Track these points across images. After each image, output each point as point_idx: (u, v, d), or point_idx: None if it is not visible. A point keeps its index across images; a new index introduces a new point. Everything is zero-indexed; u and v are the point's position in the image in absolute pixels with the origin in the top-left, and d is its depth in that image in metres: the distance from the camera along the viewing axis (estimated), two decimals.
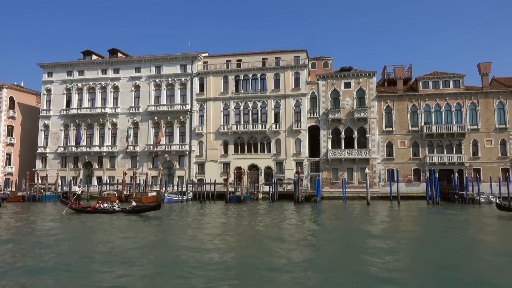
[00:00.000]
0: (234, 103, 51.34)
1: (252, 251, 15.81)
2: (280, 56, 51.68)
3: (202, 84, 52.64)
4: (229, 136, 50.63)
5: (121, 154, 53.13)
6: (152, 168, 51.87)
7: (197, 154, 51.41)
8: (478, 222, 25.99)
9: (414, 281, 11.68)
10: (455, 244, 17.44)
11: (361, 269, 12.88)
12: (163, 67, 53.68)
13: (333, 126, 48.52)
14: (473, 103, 46.59)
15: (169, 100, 53.35)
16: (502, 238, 19.90)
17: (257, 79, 51.28)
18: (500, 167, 45.03)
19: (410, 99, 47.87)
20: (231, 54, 54.02)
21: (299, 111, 49.78)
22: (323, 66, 54.66)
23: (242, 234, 20.65)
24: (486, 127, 46.02)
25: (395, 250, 15.99)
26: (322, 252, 16.10)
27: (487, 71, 47.13)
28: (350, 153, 47.14)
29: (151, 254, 15.25)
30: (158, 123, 52.62)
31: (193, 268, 12.81)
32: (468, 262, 14.15)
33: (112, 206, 29.75)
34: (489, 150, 45.62)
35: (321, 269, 13.12)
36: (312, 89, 49.86)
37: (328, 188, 47.17)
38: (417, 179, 46.37)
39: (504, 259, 14.52)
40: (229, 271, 12.61)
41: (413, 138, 47.15)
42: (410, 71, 52.20)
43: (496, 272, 12.49)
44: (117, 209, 29.40)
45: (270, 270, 12.59)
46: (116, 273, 12.26)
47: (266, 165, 49.38)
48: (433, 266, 13.33)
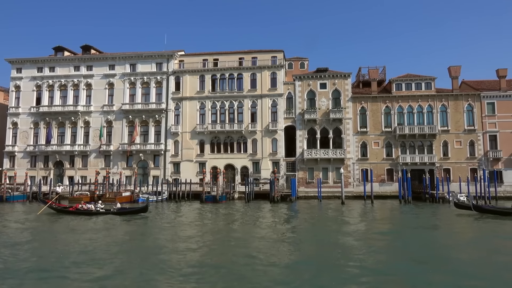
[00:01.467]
0: (211, 102, 51.05)
1: (226, 251, 15.72)
2: (257, 56, 51.75)
3: (178, 83, 52.09)
4: (205, 135, 50.30)
5: (94, 153, 51.91)
6: (126, 167, 50.93)
7: (172, 154, 50.82)
8: (441, 219, 26.99)
9: (388, 274, 11.91)
10: (422, 240, 18.09)
11: (337, 267, 13.00)
12: (138, 65, 52.78)
13: (309, 126, 48.97)
14: (444, 105, 48.01)
15: (144, 98, 52.51)
16: (457, 232, 21.31)
17: (234, 79, 51.17)
18: (469, 167, 46.60)
19: (384, 101, 48.89)
20: (208, 53, 53.71)
21: (276, 111, 49.99)
22: (300, 67, 55.08)
23: (216, 234, 20.51)
24: (455, 128, 47.51)
25: (367, 247, 16.30)
26: (297, 251, 16.18)
27: (457, 74, 48.68)
28: (325, 153, 47.69)
29: (121, 256, 14.92)
30: (133, 122, 51.71)
31: (165, 270, 12.60)
32: (431, 255, 14.75)
33: (96, 207, 28.76)
34: (459, 151, 47.12)
35: (296, 268, 13.17)
36: (288, 89, 50.17)
37: (304, 187, 47.57)
38: (390, 179, 47.38)
39: (460, 249, 15.16)
40: (202, 272, 12.48)
41: (387, 138, 48.17)
42: (384, 73, 53.35)
43: (454, 261, 12.97)
44: (101, 210, 28.33)
45: (244, 271, 12.53)
46: (87, 277, 11.92)
47: (243, 165, 49.34)
48: (404, 259, 13.86)
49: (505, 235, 20.31)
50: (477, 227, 23.17)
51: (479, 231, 21.92)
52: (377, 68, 51.59)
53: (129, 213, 28.22)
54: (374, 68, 51.41)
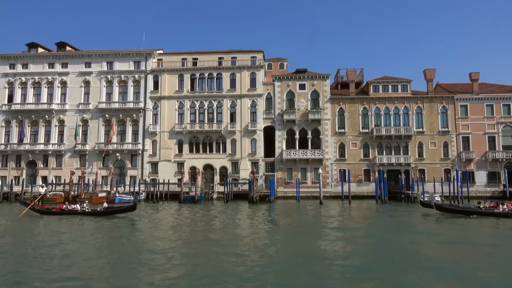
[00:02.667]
0: (190, 102, 50.64)
1: (204, 252, 15.58)
2: (236, 56, 51.66)
3: (157, 81, 51.44)
4: (184, 135, 49.86)
5: (69, 153, 50.67)
6: (103, 167, 49.93)
7: (150, 154, 50.15)
8: (407, 219, 27.93)
9: (365, 269, 12.08)
10: (396, 237, 18.39)
11: (316, 266, 13.08)
12: (116, 63, 51.82)
13: (288, 127, 49.21)
14: (419, 107, 49.10)
15: (121, 97, 51.61)
16: (420, 228, 22.76)
17: (213, 79, 50.91)
18: (443, 168, 47.81)
19: (362, 102, 49.62)
20: (187, 52, 53.27)
21: (255, 112, 50.01)
22: (279, 68, 55.23)
23: (194, 234, 20.33)
24: (430, 130, 48.66)
25: (344, 246, 16.48)
26: (275, 251, 16.20)
27: (432, 77, 49.88)
28: (304, 153, 48.03)
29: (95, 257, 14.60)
30: (110, 120, 50.73)
31: (138, 272, 12.40)
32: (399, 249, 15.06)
33: (82, 207, 27.98)
34: (433, 152, 48.29)
35: (276, 268, 13.18)
36: (268, 89, 50.29)
37: (283, 188, 47.77)
38: (367, 179, 48.11)
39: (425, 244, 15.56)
40: (179, 273, 12.34)
41: (364, 139, 48.89)
42: (362, 75, 54.15)
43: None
44: (87, 210, 27.61)
45: (221, 272, 12.45)
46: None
47: (221, 165, 49.15)
48: (376, 254, 14.10)
49: (452, 233, 21.09)
50: (431, 226, 23.76)
51: (431, 230, 22.56)
52: (355, 70, 52.36)
53: (117, 212, 27.60)
54: (352, 70, 52.13)
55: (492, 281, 11.58)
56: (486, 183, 47.17)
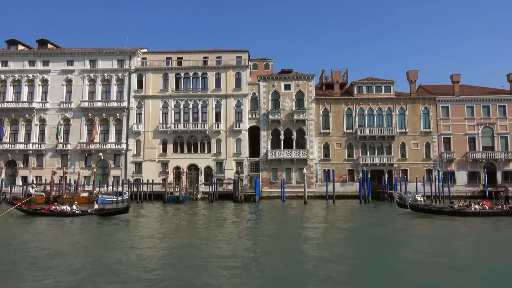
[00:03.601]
0: (174, 101, 50.27)
1: (186, 253, 15.47)
2: (221, 55, 51.52)
3: (141, 81, 50.91)
4: (168, 135, 49.47)
5: (50, 152, 49.69)
6: (85, 167, 49.14)
7: (134, 153, 49.58)
8: (382, 218, 28.28)
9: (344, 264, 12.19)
10: (377, 234, 18.65)
11: (300, 266, 13.12)
12: (99, 61, 51.06)
13: (273, 127, 49.32)
14: (402, 108, 49.84)
15: (104, 96, 50.90)
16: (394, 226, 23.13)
17: (198, 78, 50.66)
18: (425, 168, 48.64)
19: (346, 103, 50.08)
20: (171, 51, 52.88)
21: (240, 111, 49.97)
22: (264, 68, 55.30)
23: (176, 234, 20.17)
24: (413, 130, 49.43)
25: (327, 244, 16.59)
26: (259, 251, 16.19)
27: (415, 78, 50.69)
28: (289, 153, 48.20)
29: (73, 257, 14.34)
30: (92, 120, 49.96)
31: (121, 274, 12.23)
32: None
33: (72, 209, 27.31)
34: (415, 152, 49.08)
35: (260, 268, 13.16)
36: (253, 89, 50.30)
37: (268, 188, 47.84)
38: (351, 179, 48.57)
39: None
40: (162, 275, 12.22)
41: (348, 140, 49.36)
42: (346, 76, 54.66)
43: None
44: (77, 212, 26.88)
45: (205, 274, 12.37)
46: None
47: (206, 165, 48.93)
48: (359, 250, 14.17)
49: (419, 232, 21.64)
50: (401, 225, 24.27)
51: (402, 228, 23.18)
52: (339, 70, 52.79)
53: (108, 214, 26.95)
54: (337, 70, 52.57)
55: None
56: (467, 183, 48.19)
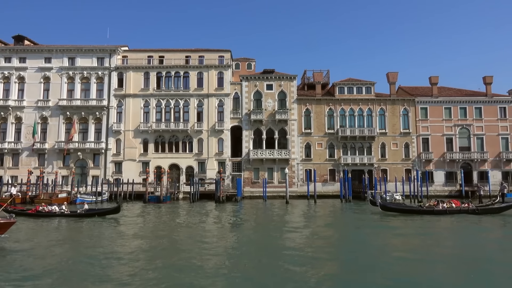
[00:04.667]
0: (156, 100, 49.73)
1: (166, 254, 15.30)
2: (204, 55, 51.24)
3: (121, 79, 50.17)
4: (149, 134, 48.90)
5: (27, 152, 48.45)
6: (63, 167, 48.10)
7: (114, 153, 48.81)
8: (357, 218, 28.67)
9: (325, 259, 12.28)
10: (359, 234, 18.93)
11: (282, 266, 13.14)
12: (78, 59, 50.07)
13: (255, 127, 49.34)
14: (382, 109, 50.60)
15: (83, 94, 49.95)
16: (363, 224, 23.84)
17: (180, 77, 50.25)
18: (404, 168, 49.51)
19: (327, 103, 50.52)
20: (153, 50, 52.31)
21: (222, 111, 49.80)
22: (247, 68, 55.33)
23: (157, 234, 19.93)
24: (392, 131, 50.24)
25: (309, 244, 16.69)
26: (240, 251, 16.14)
27: (395, 80, 51.54)
28: (271, 153, 48.31)
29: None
30: (71, 118, 48.93)
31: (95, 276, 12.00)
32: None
33: (60, 209, 26.52)
34: (395, 153, 49.90)
35: (240, 268, 13.13)
36: (235, 89, 50.21)
37: (249, 187, 47.83)
38: (332, 179, 49.02)
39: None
40: (139, 276, 12.04)
41: (329, 140, 49.81)
42: (328, 77, 55.16)
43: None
44: (66, 212, 26.15)
45: (186, 274, 12.26)
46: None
47: (188, 165, 48.59)
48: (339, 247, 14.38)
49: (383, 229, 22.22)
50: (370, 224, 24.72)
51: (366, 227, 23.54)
52: (321, 71, 53.27)
53: (99, 214, 26.40)
54: (319, 71, 53.01)
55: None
56: (444, 182, 49.28)
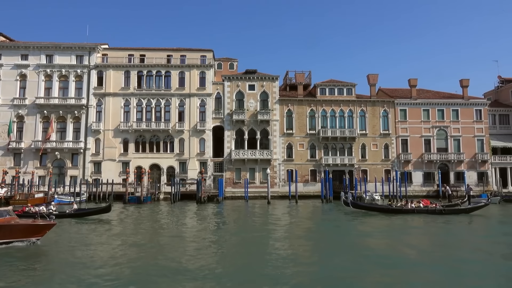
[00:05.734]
0: (136, 99, 49.07)
1: (145, 255, 15.11)
2: (186, 54, 50.84)
3: (101, 77, 49.29)
4: (130, 134, 48.21)
5: (2, 151, 47.05)
6: (40, 167, 46.93)
7: (93, 152, 47.92)
8: (328, 217, 28.75)
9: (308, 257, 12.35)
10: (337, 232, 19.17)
11: (264, 265, 13.14)
12: (56, 56, 48.93)
13: (237, 127, 49.27)
14: (363, 110, 51.27)
15: (62, 93, 48.85)
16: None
17: (161, 76, 49.73)
18: (384, 169, 50.30)
19: (309, 104, 50.88)
20: (134, 48, 51.61)
21: (204, 111, 49.53)
22: (229, 68, 55.23)
23: (136, 235, 19.67)
24: (373, 132, 50.97)
25: (289, 243, 16.75)
26: (221, 252, 16.08)
27: (375, 82, 52.31)
28: (253, 154, 48.32)
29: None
30: (48, 117, 47.79)
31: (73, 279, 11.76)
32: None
33: (49, 209, 25.63)
34: (375, 153, 50.65)
35: (222, 269, 13.07)
36: (217, 89, 50.02)
37: (231, 188, 47.72)
38: (313, 179, 49.38)
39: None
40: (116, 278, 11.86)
41: (311, 140, 50.16)
42: (310, 78, 55.58)
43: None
44: (54, 213, 25.23)
45: (166, 275, 12.13)
46: None
47: (169, 165, 48.12)
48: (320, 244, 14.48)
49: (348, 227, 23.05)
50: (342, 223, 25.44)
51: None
52: (303, 72, 53.61)
53: (89, 214, 25.80)
54: (301, 72, 53.33)
55: None
56: (422, 183, 50.29)
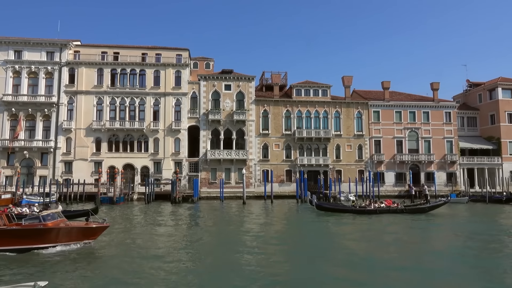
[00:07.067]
0: (110, 98, 48.05)
1: (116, 255, 14.81)
2: (161, 52, 50.19)
3: (73, 75, 48.00)
4: (103, 133, 47.17)
5: None
6: (7, 166, 45.25)
7: (64, 152, 46.61)
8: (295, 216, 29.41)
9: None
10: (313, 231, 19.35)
11: (239, 265, 13.10)
12: (25, 52, 47.32)
13: (213, 127, 49.02)
14: (337, 111, 52.01)
15: (31, 90, 47.28)
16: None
17: (136, 75, 48.90)
18: (357, 169, 51.18)
19: (285, 105, 51.19)
20: (107, 46, 50.53)
21: (179, 110, 49.04)
22: (205, 67, 54.91)
23: (108, 235, 19.26)
24: (347, 133, 51.79)
25: (264, 242, 16.80)
26: (196, 252, 15.95)
27: (349, 83, 53.18)
28: (228, 154, 48.19)
29: None
30: (17, 115, 46.14)
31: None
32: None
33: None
34: (349, 154, 51.47)
35: (197, 270, 12.96)
36: (193, 89, 49.62)
37: (206, 188, 47.43)
38: (289, 179, 49.71)
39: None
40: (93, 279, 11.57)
41: (286, 141, 50.49)
42: (286, 78, 55.90)
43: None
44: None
45: (139, 276, 11.93)
46: None
47: (143, 165, 47.37)
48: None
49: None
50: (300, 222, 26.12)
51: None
52: (279, 73, 53.87)
53: (75, 216, 24.78)
54: (277, 73, 53.58)
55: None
56: (394, 183, 51.46)
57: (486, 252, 15.92)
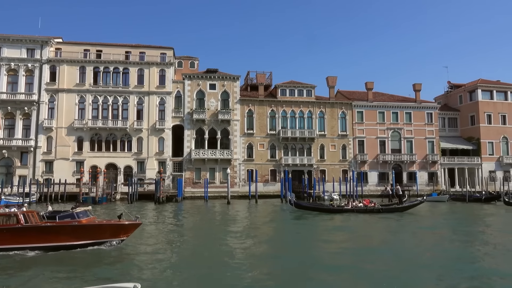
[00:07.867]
0: (92, 96, 47.33)
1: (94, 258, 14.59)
2: (145, 51, 49.68)
3: (54, 73, 47.12)
4: (85, 132, 46.42)
5: None
6: None
7: (44, 151, 45.71)
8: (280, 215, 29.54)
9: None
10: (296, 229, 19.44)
11: (224, 264, 13.06)
12: (4, 49, 46.20)
13: (197, 126, 48.77)
14: (322, 112, 52.37)
15: (10, 87, 46.20)
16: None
17: (119, 73, 48.27)
18: (341, 169, 51.62)
19: (270, 105, 51.29)
20: (90, 43, 49.76)
21: (164, 110, 48.62)
22: (190, 66, 54.58)
23: None
24: (331, 133, 52.19)
25: (250, 241, 16.80)
26: (180, 252, 15.85)
27: (334, 84, 53.60)
28: (213, 153, 48.01)
29: None
30: None
31: None
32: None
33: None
34: (333, 154, 51.88)
35: (181, 268, 12.87)
36: (177, 88, 49.27)
37: (191, 188, 47.15)
38: (273, 179, 49.81)
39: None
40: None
41: (271, 141, 50.59)
42: (271, 78, 56.01)
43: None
44: None
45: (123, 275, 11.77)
46: None
47: (126, 164, 46.81)
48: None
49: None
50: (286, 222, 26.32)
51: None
52: (264, 73, 53.96)
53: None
54: (262, 73, 53.65)
55: None
56: (377, 182, 52.09)
57: (425, 246, 16.32)
